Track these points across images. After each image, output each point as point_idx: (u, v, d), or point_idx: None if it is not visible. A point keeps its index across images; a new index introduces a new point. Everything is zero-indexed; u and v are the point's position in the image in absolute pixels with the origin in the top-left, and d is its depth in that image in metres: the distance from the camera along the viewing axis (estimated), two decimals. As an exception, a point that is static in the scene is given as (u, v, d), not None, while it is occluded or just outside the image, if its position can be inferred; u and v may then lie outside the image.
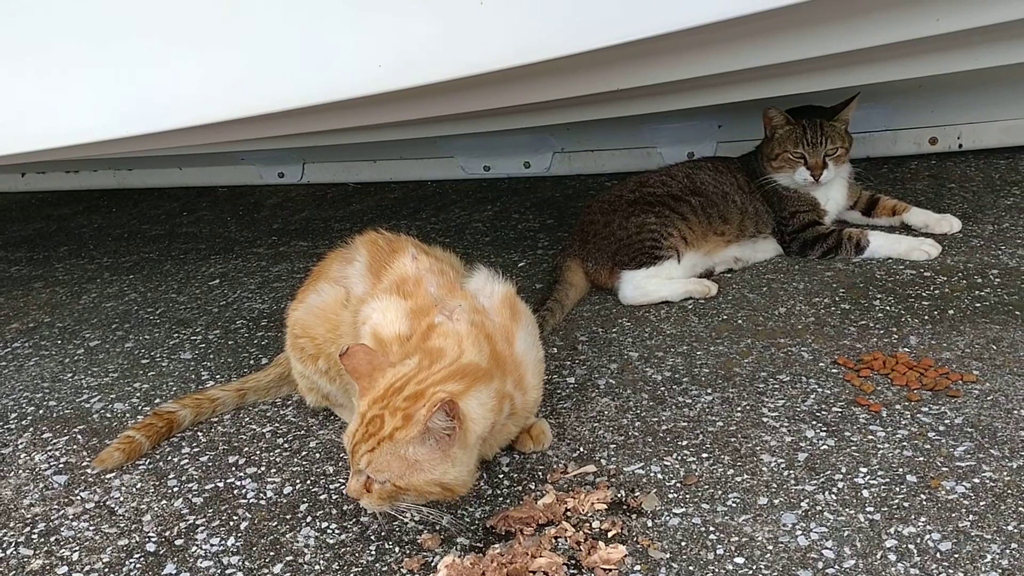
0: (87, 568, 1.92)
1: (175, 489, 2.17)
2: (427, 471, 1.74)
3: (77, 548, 1.99)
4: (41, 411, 2.62)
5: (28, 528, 2.08)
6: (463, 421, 1.74)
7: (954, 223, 3.07)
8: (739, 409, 2.22)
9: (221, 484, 2.17)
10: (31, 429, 2.52)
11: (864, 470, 1.94)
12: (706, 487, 1.95)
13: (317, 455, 2.25)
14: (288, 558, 1.89)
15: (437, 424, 1.70)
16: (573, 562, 1.76)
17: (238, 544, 1.94)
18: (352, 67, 2.14)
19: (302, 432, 2.36)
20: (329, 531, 1.96)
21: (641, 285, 2.85)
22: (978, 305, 2.58)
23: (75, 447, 2.40)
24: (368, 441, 1.73)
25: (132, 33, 2.35)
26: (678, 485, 1.96)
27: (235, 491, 2.14)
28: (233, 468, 2.23)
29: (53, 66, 2.43)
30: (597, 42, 1.99)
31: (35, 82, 2.46)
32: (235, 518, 2.04)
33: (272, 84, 2.30)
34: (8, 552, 2.00)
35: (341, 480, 2.13)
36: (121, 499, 2.16)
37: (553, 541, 1.82)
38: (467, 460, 1.79)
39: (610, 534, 1.82)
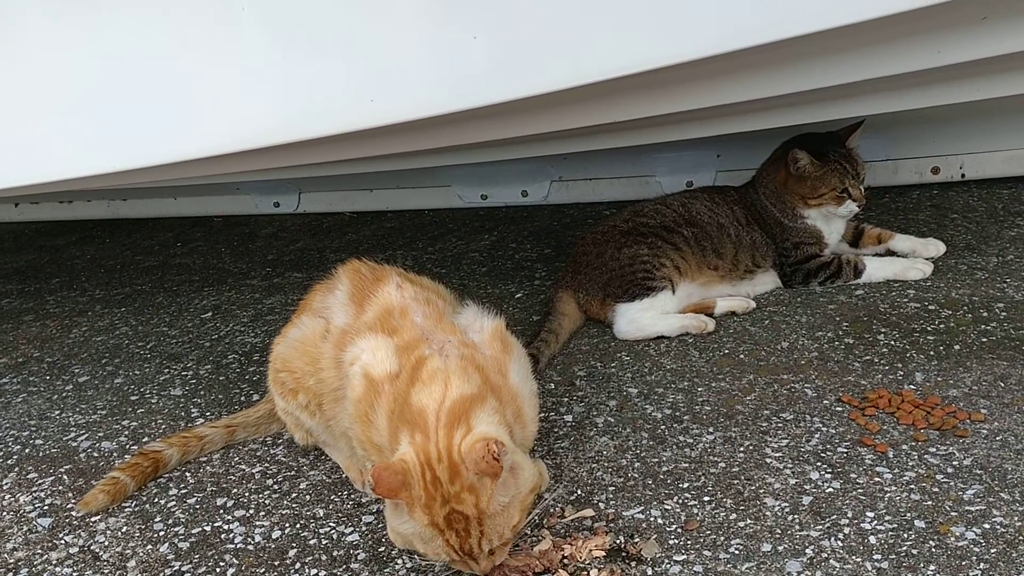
0: (68, 618, 1.86)
1: (161, 533, 2.11)
2: (515, 496, 1.72)
3: (59, 596, 1.93)
4: (27, 450, 2.56)
5: (11, 574, 2.02)
6: (498, 441, 1.67)
7: (939, 246, 3.09)
8: (742, 449, 2.17)
9: (208, 528, 2.11)
10: (16, 469, 2.46)
11: (871, 515, 1.88)
12: (708, 533, 1.89)
13: (307, 497, 2.19)
14: (276, 608, 1.83)
15: (498, 466, 1.64)
16: (570, 613, 1.70)
17: (224, 593, 1.89)
18: (344, 102, 2.10)
19: (292, 473, 2.30)
20: (318, 579, 1.90)
21: (636, 319, 2.80)
22: (984, 340, 2.53)
23: (61, 488, 2.35)
24: (471, 535, 1.67)
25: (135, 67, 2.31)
26: (679, 531, 1.90)
27: (222, 535, 2.08)
28: (221, 511, 2.17)
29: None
30: (593, 76, 1.95)
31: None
32: (222, 564, 1.98)
33: (272, 118, 2.26)
34: (-13, 601, 1.94)
35: (331, 524, 2.07)
36: (106, 543, 2.10)
37: (550, 590, 1.76)
38: (521, 458, 1.78)
39: (609, 583, 1.76)
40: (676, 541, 1.87)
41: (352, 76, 2.05)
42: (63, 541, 2.12)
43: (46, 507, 2.27)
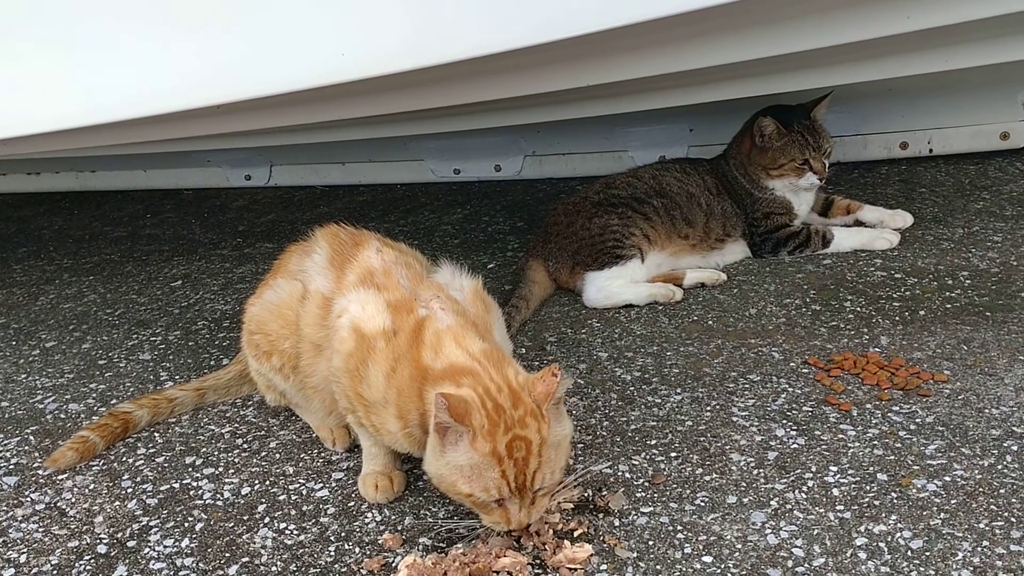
0: (35, 570, 1.85)
1: (129, 490, 2.10)
2: (564, 435, 1.72)
3: (25, 550, 1.92)
4: (-7, 412, 2.54)
5: (-26, 531, 2.01)
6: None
7: (907, 217, 3.13)
8: (709, 409, 2.19)
9: (177, 485, 2.10)
10: (-19, 430, 2.44)
11: (834, 469, 1.91)
12: (674, 486, 1.91)
13: (277, 455, 2.19)
14: (244, 559, 1.82)
15: (555, 382, 1.67)
16: (538, 562, 1.71)
17: (192, 545, 1.88)
18: (315, 56, 2.09)
19: (262, 433, 2.30)
20: (287, 532, 1.90)
21: (604, 287, 2.82)
22: (949, 306, 2.57)
23: (27, 448, 2.33)
24: (529, 465, 1.64)
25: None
26: (646, 484, 1.92)
27: (191, 492, 2.07)
28: (190, 469, 2.16)
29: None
30: (559, 33, 1.96)
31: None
32: (190, 519, 1.97)
33: (243, 72, 2.23)
34: (-49, 555, 1.92)
35: (301, 480, 2.07)
36: (73, 500, 2.08)
37: (518, 540, 1.77)
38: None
39: (576, 533, 1.78)
40: (643, 494, 1.89)
41: (322, 30, 2.04)
42: (29, 498, 2.11)
43: (12, 466, 2.25)
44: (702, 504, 1.84)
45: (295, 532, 1.89)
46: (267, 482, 2.08)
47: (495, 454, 1.63)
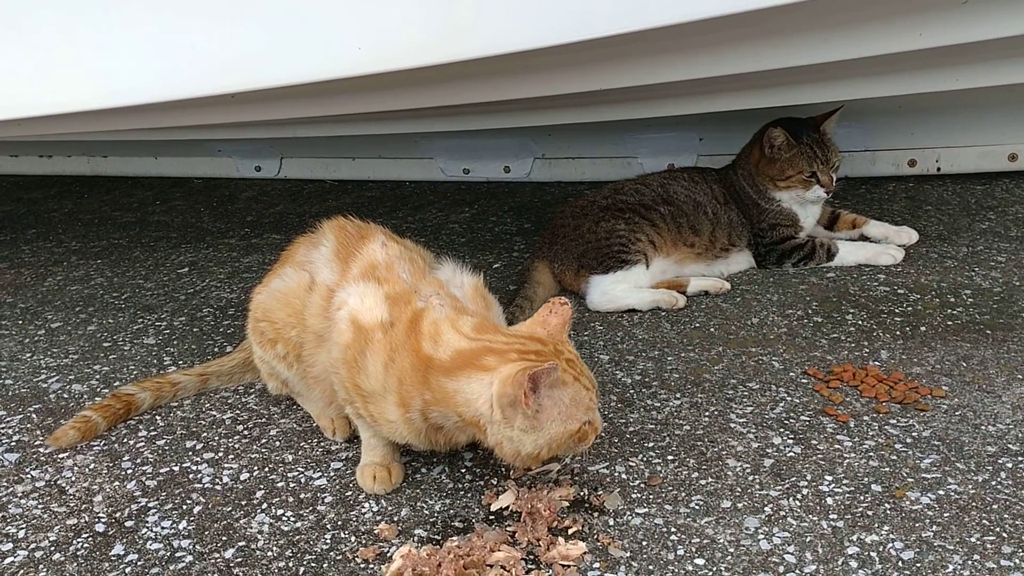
0: (32, 546, 1.87)
1: (129, 471, 2.12)
2: None
3: (24, 526, 1.94)
4: (-3, 389, 2.56)
5: (-26, 505, 2.03)
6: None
7: (912, 234, 3.13)
8: (707, 414, 2.20)
9: (176, 468, 2.12)
10: (-15, 406, 2.46)
11: (829, 478, 1.92)
12: (670, 489, 1.92)
13: (277, 443, 2.21)
14: (240, 543, 1.84)
15: (568, 308, 1.86)
16: (531, 557, 1.73)
17: (190, 528, 1.90)
18: (332, 49, 2.10)
19: (263, 420, 2.31)
20: (284, 518, 1.91)
21: (608, 291, 2.83)
22: (950, 323, 2.58)
23: (29, 426, 2.35)
24: (586, 371, 1.81)
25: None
26: (642, 486, 1.94)
27: (190, 475, 2.09)
28: (190, 453, 2.18)
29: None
30: (576, 35, 1.97)
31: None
32: (188, 502, 1.99)
33: (259, 62, 2.24)
34: (-49, 527, 1.94)
35: (300, 469, 2.09)
36: (73, 479, 2.10)
37: (512, 536, 1.78)
38: None
39: (570, 531, 1.79)
40: (639, 495, 1.91)
41: (339, 23, 2.06)
42: (29, 475, 2.13)
43: (13, 443, 2.27)
44: (697, 507, 1.86)
45: (292, 519, 1.91)
46: (266, 469, 2.10)
47: (576, 379, 1.76)
